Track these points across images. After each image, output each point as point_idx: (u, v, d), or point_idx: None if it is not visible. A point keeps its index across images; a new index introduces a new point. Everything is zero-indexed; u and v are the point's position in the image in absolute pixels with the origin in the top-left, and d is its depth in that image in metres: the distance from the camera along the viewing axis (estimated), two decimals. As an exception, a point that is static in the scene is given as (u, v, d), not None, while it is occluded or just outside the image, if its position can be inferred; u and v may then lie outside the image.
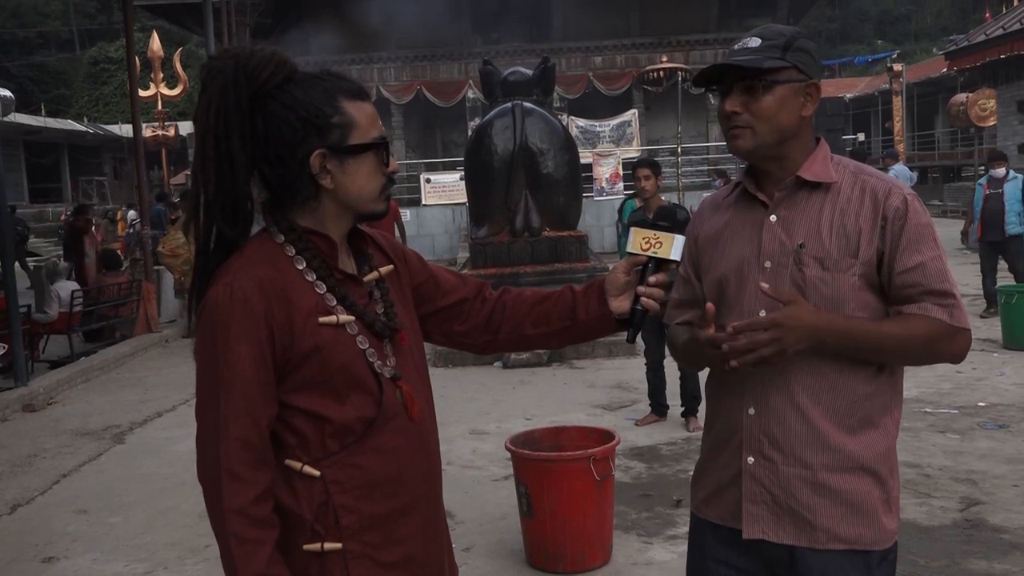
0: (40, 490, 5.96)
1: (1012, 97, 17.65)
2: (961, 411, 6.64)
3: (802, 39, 1.90)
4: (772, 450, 1.88)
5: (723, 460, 1.97)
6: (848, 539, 1.87)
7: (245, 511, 1.59)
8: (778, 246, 1.90)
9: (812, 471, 1.86)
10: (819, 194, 1.91)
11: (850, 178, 1.91)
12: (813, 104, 1.91)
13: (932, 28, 53.95)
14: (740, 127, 1.88)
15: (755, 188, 1.96)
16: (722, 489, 1.97)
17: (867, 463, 1.87)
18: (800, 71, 1.88)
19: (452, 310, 1.96)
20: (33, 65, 47.71)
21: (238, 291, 1.62)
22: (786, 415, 1.87)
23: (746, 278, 1.92)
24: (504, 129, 9.87)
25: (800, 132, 1.92)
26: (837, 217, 1.87)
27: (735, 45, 1.92)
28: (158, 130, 22.51)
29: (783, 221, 1.91)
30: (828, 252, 1.85)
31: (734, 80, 1.88)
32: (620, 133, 24.51)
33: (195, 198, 1.71)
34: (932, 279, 1.84)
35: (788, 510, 1.88)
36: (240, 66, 1.67)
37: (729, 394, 1.94)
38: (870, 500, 1.88)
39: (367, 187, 1.73)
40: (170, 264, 11.83)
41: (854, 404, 1.87)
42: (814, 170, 1.91)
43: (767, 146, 1.89)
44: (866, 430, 1.88)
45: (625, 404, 7.29)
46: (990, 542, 4.35)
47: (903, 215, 1.85)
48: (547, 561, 4.22)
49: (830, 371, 1.86)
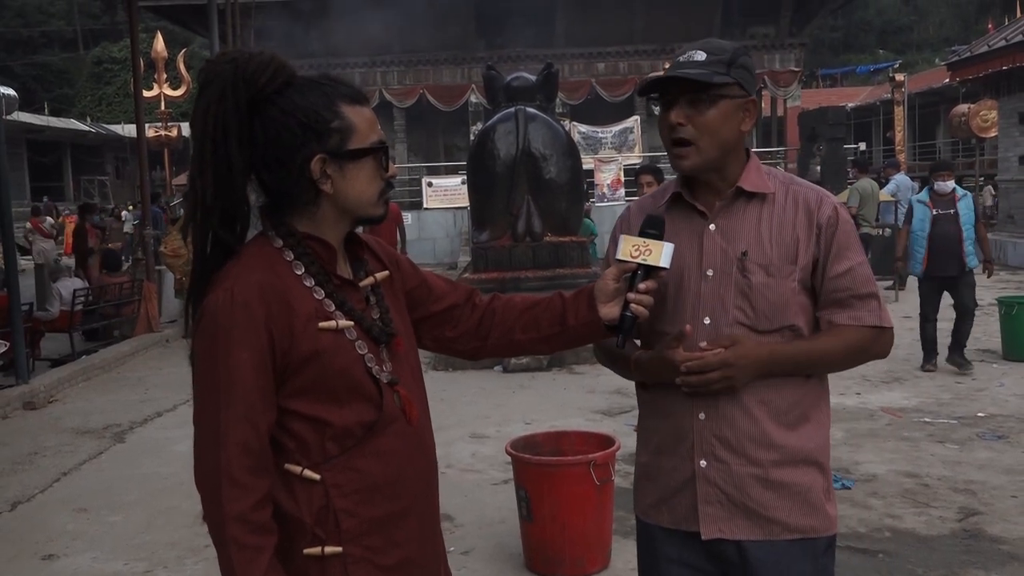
0: (40, 488, 5.97)
1: (1014, 108, 17.65)
2: (960, 421, 6.65)
3: (744, 56, 1.97)
4: (724, 451, 1.95)
5: (671, 465, 2.02)
6: (800, 529, 1.96)
7: (245, 517, 1.59)
8: (720, 254, 1.97)
9: (763, 468, 1.94)
10: (755, 204, 1.99)
11: (782, 188, 2.01)
12: (751, 120, 1.99)
13: (934, 38, 54.02)
14: (684, 146, 1.94)
15: (692, 197, 2.02)
16: (673, 493, 2.02)
17: (809, 455, 1.98)
18: (742, 87, 1.94)
19: (443, 315, 1.98)
20: (36, 64, 47.70)
21: (239, 296, 1.63)
22: (736, 418, 1.94)
23: (686, 286, 1.98)
24: (507, 134, 9.88)
25: (738, 146, 2.00)
26: (776, 226, 1.96)
27: (679, 57, 1.96)
28: (161, 130, 22.51)
29: (722, 230, 1.98)
30: (771, 259, 1.94)
31: (680, 92, 1.93)
32: (622, 139, 24.53)
33: (193, 203, 1.71)
34: (859, 283, 1.97)
35: (742, 507, 1.96)
36: (238, 71, 1.66)
37: (675, 401, 1.99)
38: (815, 490, 1.98)
39: (366, 192, 1.73)
40: (171, 264, 11.83)
41: (793, 403, 1.97)
42: (752, 180, 1.99)
43: (711, 161, 1.96)
44: (803, 425, 1.98)
45: (625, 409, 7.29)
46: (988, 552, 4.36)
47: (834, 223, 1.96)
48: (546, 565, 4.23)
49: (772, 377, 1.95)
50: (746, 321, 1.93)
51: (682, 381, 1.90)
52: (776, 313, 1.93)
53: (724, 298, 1.95)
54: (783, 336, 1.95)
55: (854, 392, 7.51)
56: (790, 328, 1.95)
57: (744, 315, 1.94)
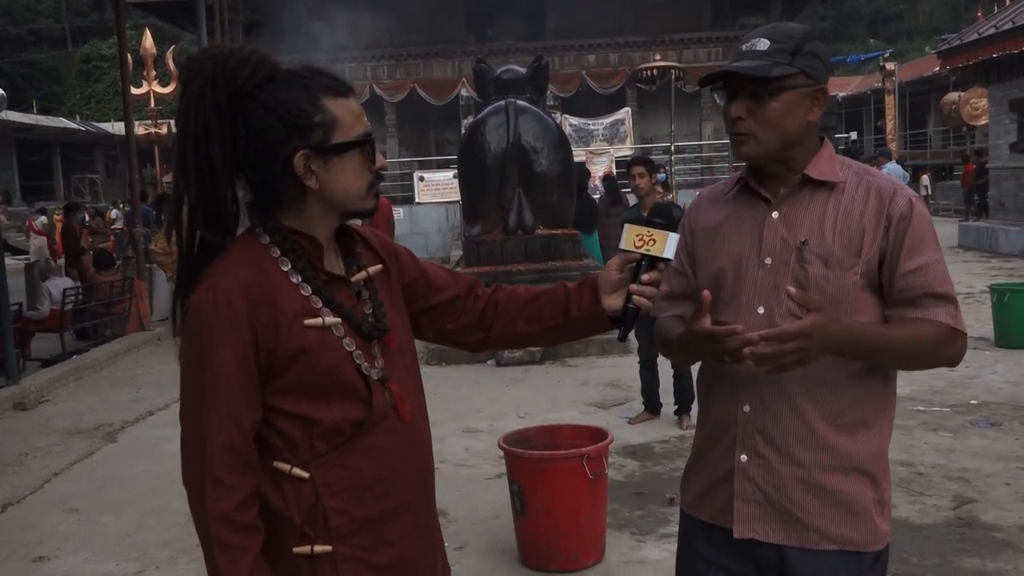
0: (31, 489, 5.94)
1: (1004, 96, 17.66)
2: (953, 409, 6.65)
3: (812, 42, 1.87)
4: (766, 448, 1.87)
5: (714, 457, 1.96)
6: (840, 540, 1.86)
7: (229, 517, 1.58)
8: (779, 243, 1.88)
9: (807, 470, 1.85)
10: (823, 193, 1.89)
11: (854, 178, 1.90)
12: (820, 108, 1.89)
13: (924, 27, 54.07)
14: (744, 133, 1.87)
15: (758, 184, 1.95)
16: (714, 487, 1.95)
17: (862, 464, 1.87)
18: (808, 76, 1.85)
19: (444, 308, 1.94)
20: (25, 62, 47.50)
21: (222, 294, 1.60)
22: (782, 413, 1.85)
23: (744, 273, 1.91)
24: (497, 127, 9.86)
25: (805, 136, 1.90)
26: (841, 216, 1.86)
27: (742, 45, 1.88)
28: (151, 128, 22.41)
29: (785, 218, 1.90)
30: (831, 250, 1.84)
31: (741, 84, 1.85)
32: (613, 131, 24.48)
33: (177, 202, 1.68)
34: (934, 282, 1.83)
35: (780, 509, 1.87)
36: (218, 67, 1.64)
37: (723, 390, 1.92)
38: (863, 501, 1.87)
39: (353, 186, 1.70)
40: (162, 262, 11.78)
41: (850, 404, 1.86)
42: (820, 169, 1.90)
43: (772, 152, 1.88)
44: (861, 431, 1.87)
45: (618, 402, 7.28)
46: (983, 540, 4.36)
47: (908, 217, 1.84)
48: (540, 560, 4.22)
49: (827, 371, 1.83)
50: (800, 313, 1.78)
51: (754, 353, 1.73)
52: (834, 308, 1.79)
53: (780, 288, 1.84)
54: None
55: (847, 381, 7.50)
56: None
57: (799, 307, 1.79)
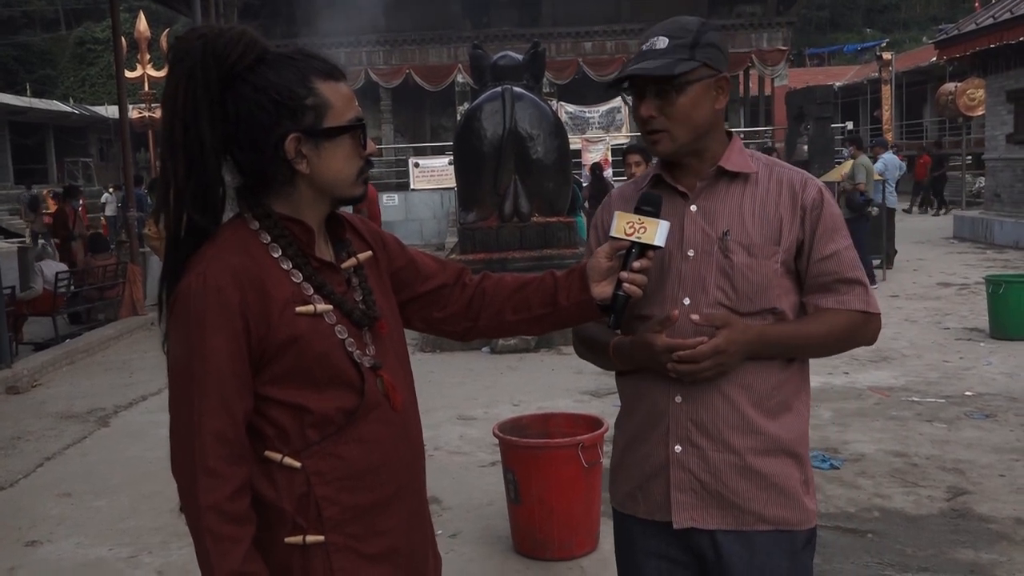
0: (24, 473, 5.92)
1: (1001, 87, 17.62)
2: (948, 400, 6.66)
3: (709, 32, 1.90)
4: (700, 437, 1.90)
5: (646, 451, 1.97)
6: (775, 520, 1.91)
7: (220, 507, 1.56)
8: (701, 235, 1.92)
9: (739, 456, 1.90)
10: (738, 184, 1.95)
11: (765, 169, 1.96)
12: (725, 96, 1.94)
13: (921, 17, 53.96)
14: (657, 131, 1.90)
15: (672, 179, 1.98)
16: (647, 481, 1.97)
17: (788, 445, 1.93)
18: (710, 67, 1.88)
19: (431, 296, 1.92)
20: (18, 45, 47.20)
21: (211, 281, 1.58)
22: (714, 401, 1.89)
23: (668, 266, 1.94)
24: (494, 114, 9.81)
25: (715, 125, 1.94)
26: (759, 206, 1.92)
27: (643, 45, 1.91)
28: (145, 112, 22.34)
29: (704, 211, 1.94)
30: (752, 240, 1.90)
31: (647, 83, 1.88)
32: (609, 119, 24.46)
33: (164, 185, 1.65)
34: (845, 268, 1.92)
35: (716, 496, 1.90)
36: (208, 47, 1.60)
37: (652, 384, 1.94)
38: (792, 482, 1.93)
39: (344, 171, 1.68)
40: (156, 247, 11.73)
41: (774, 388, 1.92)
42: (733, 160, 1.95)
43: (685, 145, 1.92)
44: (784, 414, 1.93)
45: (613, 391, 7.21)
46: (977, 531, 4.36)
47: (819, 205, 1.92)
48: (534, 548, 4.21)
49: (752, 359, 1.89)
50: (727, 302, 1.88)
51: (672, 368, 1.84)
52: (758, 294, 1.88)
53: (705, 278, 1.90)
54: (764, 319, 1.90)
55: (842, 372, 7.51)
56: (772, 311, 1.90)
57: (725, 296, 1.88)
